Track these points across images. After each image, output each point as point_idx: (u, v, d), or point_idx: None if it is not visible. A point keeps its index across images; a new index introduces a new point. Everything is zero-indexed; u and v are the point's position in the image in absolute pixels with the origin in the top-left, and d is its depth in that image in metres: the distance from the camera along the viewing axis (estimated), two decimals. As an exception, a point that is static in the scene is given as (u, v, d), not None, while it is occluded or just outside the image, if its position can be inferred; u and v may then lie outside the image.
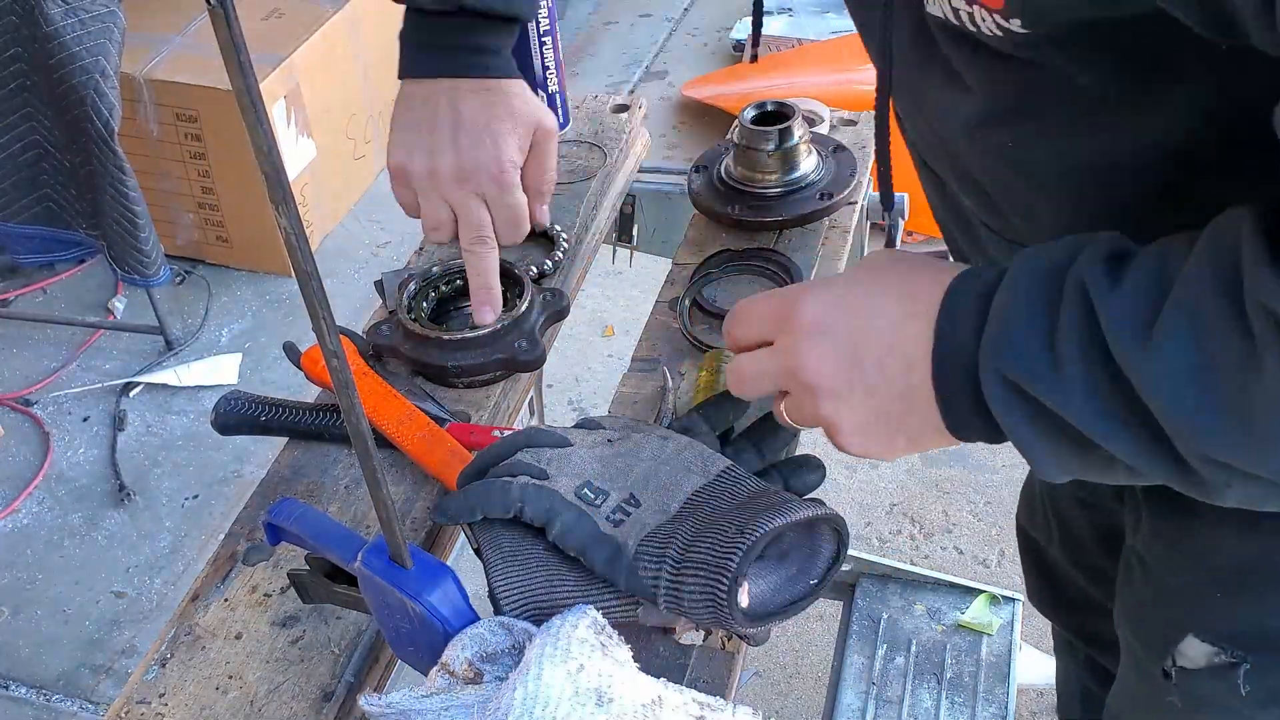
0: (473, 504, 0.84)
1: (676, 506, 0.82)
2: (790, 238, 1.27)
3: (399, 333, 1.09)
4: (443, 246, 1.29)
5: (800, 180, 1.26)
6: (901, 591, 1.57)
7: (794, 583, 0.82)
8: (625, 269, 2.40)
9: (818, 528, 0.80)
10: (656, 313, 1.19)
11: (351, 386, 0.62)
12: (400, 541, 0.73)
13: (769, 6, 4.09)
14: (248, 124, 0.50)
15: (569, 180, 1.36)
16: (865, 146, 1.41)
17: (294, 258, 0.55)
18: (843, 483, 2.34)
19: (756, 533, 0.75)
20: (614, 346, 2.77)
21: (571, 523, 0.81)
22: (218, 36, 0.46)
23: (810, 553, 0.82)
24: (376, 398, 0.99)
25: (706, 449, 0.87)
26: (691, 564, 0.77)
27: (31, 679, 2.07)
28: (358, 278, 2.97)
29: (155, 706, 0.85)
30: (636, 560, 0.79)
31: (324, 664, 0.87)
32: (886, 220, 1.46)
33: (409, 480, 1.01)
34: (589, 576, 0.81)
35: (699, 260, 1.23)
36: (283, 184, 0.52)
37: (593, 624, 0.75)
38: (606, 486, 0.84)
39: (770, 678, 1.97)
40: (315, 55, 2.94)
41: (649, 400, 1.08)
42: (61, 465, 2.50)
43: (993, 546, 2.19)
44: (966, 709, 1.43)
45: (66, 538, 2.34)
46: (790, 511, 0.77)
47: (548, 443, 0.87)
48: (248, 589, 0.93)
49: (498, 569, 0.81)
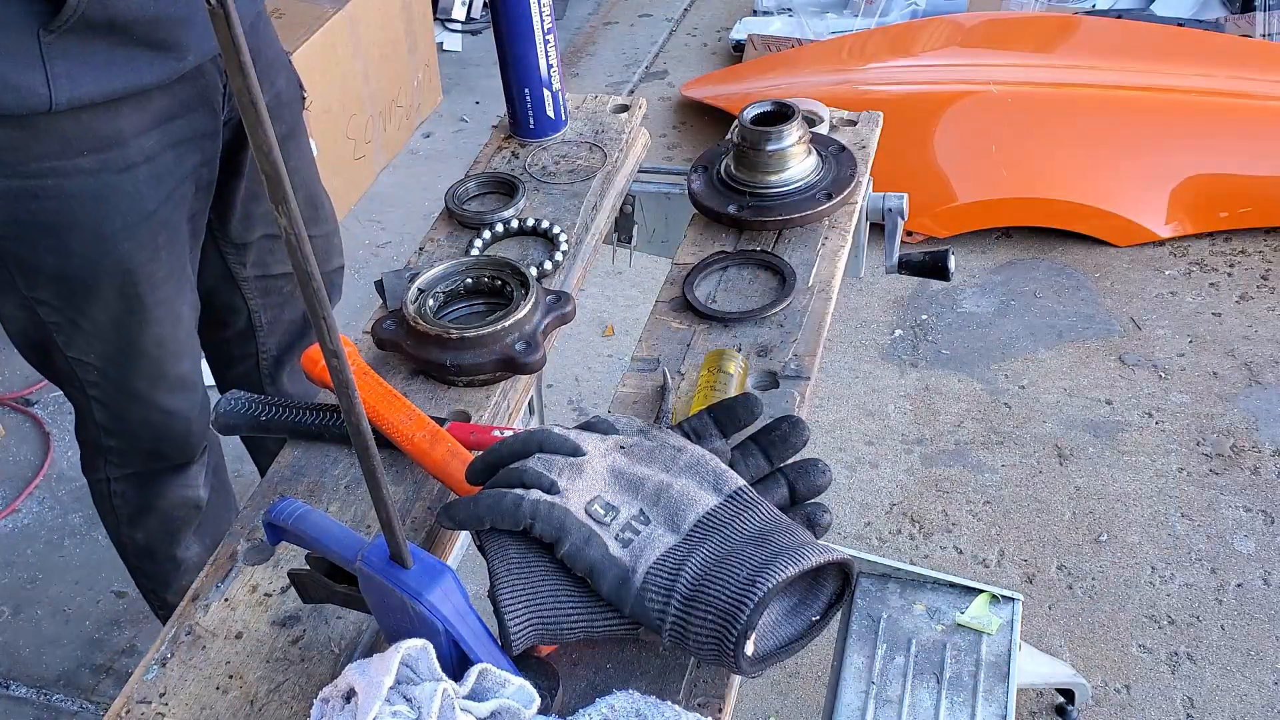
0: (481, 515, 0.83)
1: (688, 527, 0.82)
2: (790, 238, 1.27)
3: (402, 329, 1.09)
4: (442, 247, 1.29)
5: (800, 180, 1.26)
6: (901, 591, 1.57)
7: (795, 614, 0.82)
8: (625, 269, 2.40)
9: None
10: (656, 313, 1.19)
11: (351, 386, 0.62)
12: (400, 541, 0.73)
13: (769, 6, 4.09)
14: (248, 124, 0.50)
15: (569, 180, 1.36)
16: (865, 146, 1.41)
17: (294, 258, 0.55)
18: (843, 482, 2.34)
19: (769, 583, 0.75)
20: (614, 346, 2.77)
21: (581, 543, 0.81)
22: (218, 36, 0.46)
23: (814, 584, 0.82)
24: (376, 398, 0.99)
25: (720, 465, 0.87)
26: (700, 604, 0.77)
27: (32, 678, 2.07)
28: (358, 278, 2.97)
29: (155, 706, 0.85)
30: (644, 590, 0.78)
31: (324, 664, 0.87)
32: (886, 220, 1.46)
33: (409, 480, 1.01)
34: (594, 594, 0.81)
35: (699, 260, 1.23)
36: (283, 184, 0.52)
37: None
38: (617, 502, 0.83)
39: (770, 677, 1.97)
40: (315, 55, 2.94)
41: (649, 400, 1.08)
42: (61, 465, 2.50)
43: (993, 546, 2.19)
44: (966, 709, 1.43)
45: (66, 538, 2.34)
46: (803, 558, 0.77)
47: (561, 449, 0.87)
48: (248, 589, 0.93)
49: (503, 580, 0.81)
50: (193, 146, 1.34)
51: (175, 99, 1.29)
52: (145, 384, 1.44)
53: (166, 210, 1.33)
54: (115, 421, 1.50)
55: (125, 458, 1.56)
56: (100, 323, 1.36)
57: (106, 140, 1.24)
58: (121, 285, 1.33)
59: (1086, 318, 2.74)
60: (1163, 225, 2.93)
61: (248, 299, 1.65)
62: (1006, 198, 2.96)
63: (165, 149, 1.30)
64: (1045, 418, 2.47)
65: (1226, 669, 1.95)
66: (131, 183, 1.28)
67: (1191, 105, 3.04)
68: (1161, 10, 3.71)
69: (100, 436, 1.53)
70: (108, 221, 1.28)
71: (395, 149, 3.55)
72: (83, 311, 1.35)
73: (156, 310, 1.38)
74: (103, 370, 1.42)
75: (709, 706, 0.82)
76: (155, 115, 1.27)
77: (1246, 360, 2.58)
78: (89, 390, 1.45)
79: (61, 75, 1.17)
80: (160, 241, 1.34)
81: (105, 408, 1.48)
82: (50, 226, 1.26)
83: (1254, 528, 2.19)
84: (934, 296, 2.85)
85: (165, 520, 1.66)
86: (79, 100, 1.19)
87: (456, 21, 4.29)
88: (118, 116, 1.24)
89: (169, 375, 1.45)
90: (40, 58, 1.15)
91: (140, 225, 1.30)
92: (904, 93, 3.18)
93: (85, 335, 1.37)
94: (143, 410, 1.47)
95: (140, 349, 1.40)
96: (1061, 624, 2.04)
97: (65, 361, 1.42)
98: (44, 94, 1.16)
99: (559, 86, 1.40)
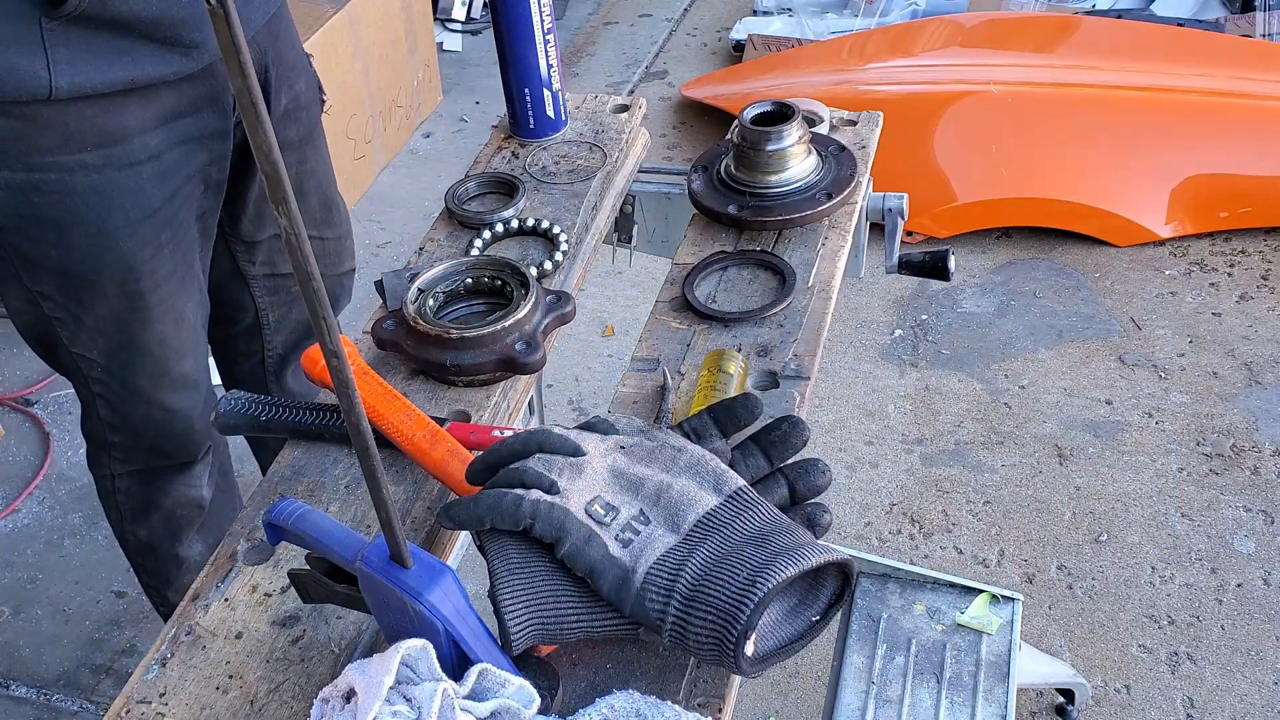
0: (481, 515, 0.83)
1: (688, 527, 0.82)
2: (790, 238, 1.27)
3: (402, 329, 1.09)
4: (442, 247, 1.29)
5: (800, 180, 1.26)
6: (901, 591, 1.57)
7: (795, 615, 0.82)
8: (625, 269, 2.40)
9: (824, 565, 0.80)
10: (656, 313, 1.19)
11: (351, 386, 0.62)
12: (400, 541, 0.73)
13: (769, 6, 4.09)
14: (247, 124, 0.50)
15: (569, 180, 1.36)
16: (865, 146, 1.41)
17: (294, 258, 0.55)
18: (843, 482, 2.34)
19: (769, 583, 0.75)
20: (614, 346, 2.77)
21: (581, 544, 0.81)
22: (218, 36, 0.46)
23: (814, 584, 0.82)
24: (376, 398, 0.99)
25: (720, 465, 0.87)
26: (700, 604, 0.77)
27: (32, 678, 2.07)
28: (358, 278, 2.96)
29: (156, 706, 0.85)
30: (644, 590, 0.79)
31: (324, 664, 0.87)
32: (886, 220, 1.46)
33: (409, 480, 1.01)
34: (594, 594, 0.81)
35: (699, 260, 1.23)
36: (283, 184, 0.52)
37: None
38: (617, 502, 0.83)
39: (770, 677, 1.97)
40: (315, 55, 2.94)
41: (649, 400, 1.08)
42: (61, 465, 2.50)
43: (993, 546, 2.19)
44: (966, 709, 1.43)
45: (66, 538, 2.34)
46: (803, 559, 0.77)
47: (561, 449, 0.87)
48: (248, 589, 0.93)
49: (503, 580, 0.81)
50: (200, 145, 1.34)
51: (183, 97, 1.29)
52: (147, 381, 1.44)
53: (172, 208, 1.33)
54: (118, 418, 1.50)
55: (129, 454, 1.57)
56: (102, 318, 1.36)
57: (111, 136, 1.24)
58: (123, 282, 1.33)
59: (1086, 318, 2.74)
60: (1163, 225, 2.93)
61: (255, 297, 1.65)
62: (1006, 198, 2.96)
63: (171, 146, 1.30)
64: (1045, 418, 2.47)
65: (1226, 669, 1.95)
66: (135, 179, 1.28)
67: (1191, 105, 3.04)
68: (1161, 10, 3.71)
69: (105, 432, 1.53)
70: (110, 217, 1.28)
71: (395, 149, 3.55)
72: (85, 307, 1.35)
73: (159, 308, 1.38)
74: (105, 367, 1.42)
75: (709, 706, 0.82)
76: (161, 112, 1.27)
77: (1246, 360, 2.58)
78: (93, 386, 1.46)
79: (63, 62, 1.16)
80: (164, 239, 1.34)
81: (108, 404, 1.48)
82: (53, 221, 1.26)
83: (1254, 528, 2.19)
84: (934, 296, 2.85)
85: (168, 518, 1.66)
86: (80, 88, 1.18)
87: (456, 21, 4.30)
88: (123, 112, 1.24)
89: (171, 373, 1.45)
90: (42, 44, 1.15)
91: (143, 222, 1.30)
92: (904, 93, 3.18)
93: (88, 331, 1.38)
94: (145, 408, 1.48)
95: (142, 346, 1.40)
96: (1061, 624, 2.04)
97: (69, 356, 1.42)
98: (44, 79, 1.16)
99: (559, 86, 1.40)
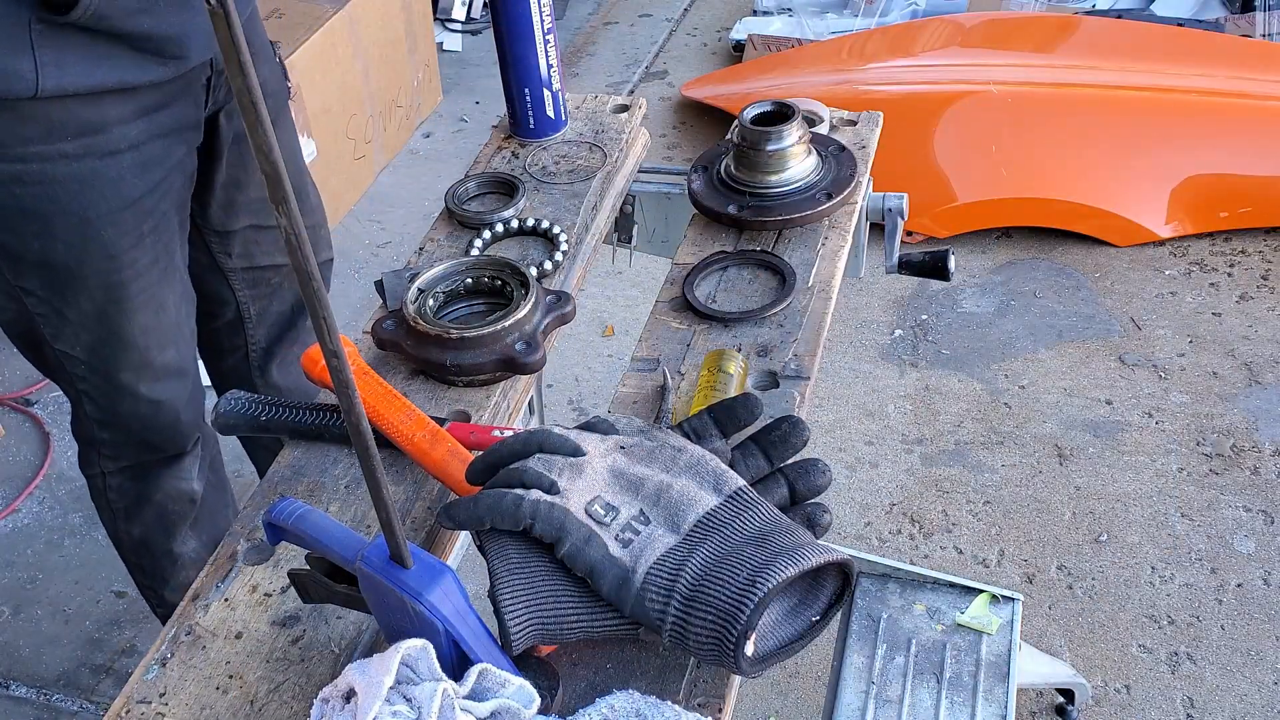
0: (481, 515, 0.83)
1: (688, 527, 0.82)
2: (790, 238, 1.27)
3: (402, 329, 1.09)
4: (442, 247, 1.29)
5: (800, 180, 1.26)
6: (901, 591, 1.57)
7: (795, 615, 0.82)
8: (625, 269, 2.40)
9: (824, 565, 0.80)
10: (656, 313, 1.19)
11: (351, 386, 0.62)
12: (400, 541, 0.73)
13: (769, 6, 4.09)
14: (247, 124, 0.50)
15: (569, 180, 1.36)
16: (865, 146, 1.41)
17: (294, 258, 0.55)
18: (843, 482, 2.34)
19: (769, 583, 0.75)
20: (614, 346, 2.77)
21: (581, 543, 0.81)
22: (218, 36, 0.46)
23: (814, 584, 0.82)
24: (376, 398, 0.99)
25: (720, 465, 0.87)
26: (700, 604, 0.77)
27: (32, 678, 2.07)
28: (358, 278, 2.97)
29: (155, 706, 0.85)
30: (644, 590, 0.78)
31: (324, 664, 0.87)
32: (886, 220, 1.46)
33: (409, 480, 1.01)
34: (594, 594, 0.81)
35: (699, 260, 1.23)
36: (283, 184, 0.52)
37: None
38: (617, 502, 0.83)
39: (770, 677, 1.97)
40: (315, 55, 2.94)
41: (649, 400, 1.08)
42: (61, 465, 2.50)
43: (993, 546, 2.19)
44: (966, 709, 1.43)
45: (66, 538, 2.34)
46: (803, 559, 0.77)
47: (561, 449, 0.87)
48: (248, 589, 0.93)
49: (503, 580, 0.81)
50: (179, 138, 1.36)
51: (162, 91, 1.31)
52: (131, 374, 1.45)
53: (153, 199, 1.34)
54: (105, 414, 1.51)
55: (118, 450, 1.57)
56: (85, 312, 1.37)
57: (91, 126, 1.25)
58: (106, 272, 1.34)
59: (1086, 318, 2.74)
60: (1163, 225, 2.93)
61: (235, 290, 1.66)
62: (1006, 198, 2.96)
63: (152, 138, 1.32)
64: (1045, 418, 2.47)
65: (1226, 669, 1.95)
66: (116, 169, 1.29)
67: (1191, 105, 3.04)
68: (1161, 10, 3.71)
69: (93, 429, 1.54)
70: (92, 206, 1.29)
71: (395, 149, 3.55)
72: (67, 300, 1.36)
73: (140, 298, 1.39)
74: (89, 363, 1.43)
75: (709, 706, 0.82)
76: (141, 106, 1.29)
77: (1246, 360, 2.58)
78: (78, 384, 1.47)
79: (50, 64, 1.18)
80: (145, 229, 1.35)
81: (94, 400, 1.49)
82: (35, 211, 1.27)
83: (1254, 528, 2.19)
84: (934, 296, 2.85)
85: (160, 513, 1.66)
86: (65, 89, 1.20)
87: (456, 21, 4.30)
88: (102, 105, 1.25)
89: (154, 364, 1.46)
90: (30, 45, 1.17)
91: (124, 211, 1.32)
92: (904, 93, 3.18)
93: (71, 326, 1.38)
94: (130, 402, 1.48)
95: (125, 338, 1.41)
96: (1061, 624, 2.04)
97: (54, 354, 1.43)
98: (31, 79, 1.18)
99: (559, 86, 1.40)
